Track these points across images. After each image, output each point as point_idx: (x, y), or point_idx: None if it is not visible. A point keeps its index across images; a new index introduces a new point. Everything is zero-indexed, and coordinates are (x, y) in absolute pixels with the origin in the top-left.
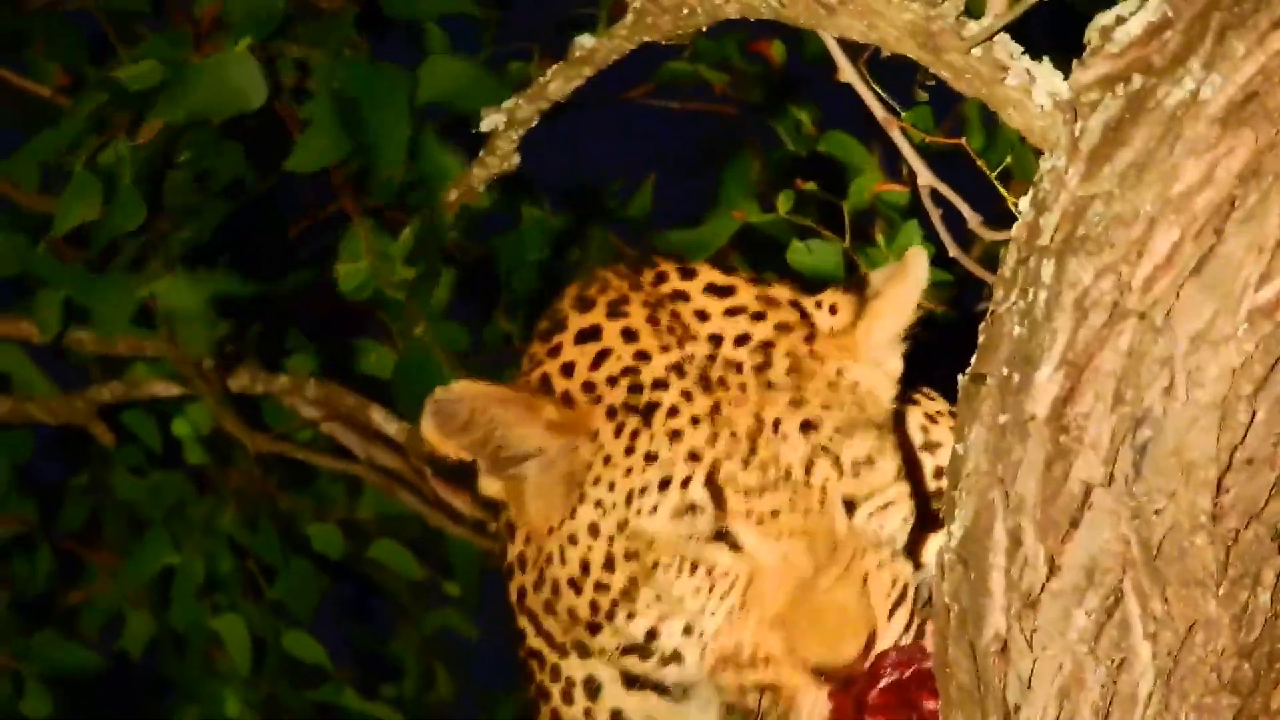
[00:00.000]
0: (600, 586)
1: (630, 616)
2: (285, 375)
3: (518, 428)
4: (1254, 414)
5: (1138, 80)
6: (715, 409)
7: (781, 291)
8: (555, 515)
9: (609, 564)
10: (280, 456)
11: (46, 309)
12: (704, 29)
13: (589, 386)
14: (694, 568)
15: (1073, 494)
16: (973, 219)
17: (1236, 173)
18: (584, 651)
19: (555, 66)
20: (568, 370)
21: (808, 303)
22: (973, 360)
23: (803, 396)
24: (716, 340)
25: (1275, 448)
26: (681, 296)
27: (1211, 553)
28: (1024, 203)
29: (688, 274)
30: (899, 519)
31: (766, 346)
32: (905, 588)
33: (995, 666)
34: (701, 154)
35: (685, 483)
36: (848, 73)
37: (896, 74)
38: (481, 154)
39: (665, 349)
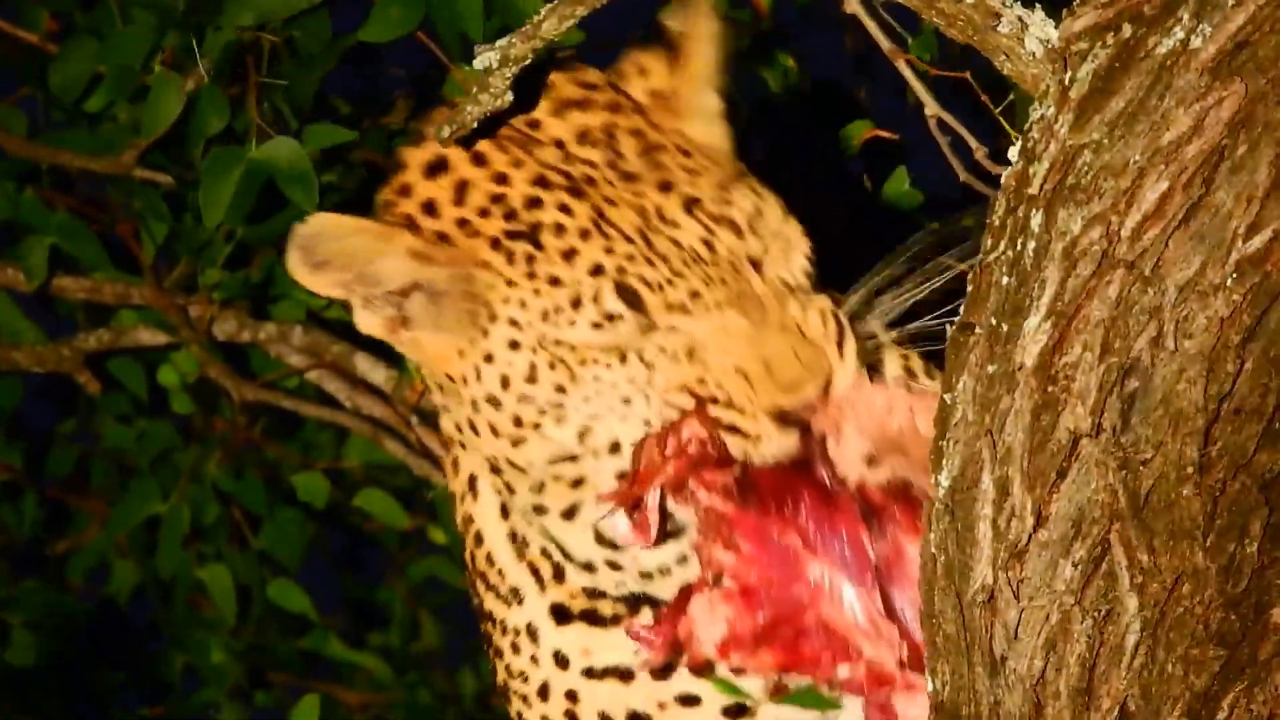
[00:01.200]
0: (524, 398)
1: (560, 421)
2: (272, 323)
3: (381, 260)
4: (1242, 364)
5: (1128, 29)
6: (599, 217)
7: (590, 71)
8: (462, 339)
9: (532, 375)
10: (266, 405)
11: (33, 256)
12: None
13: (463, 223)
14: (624, 357)
15: (1060, 444)
16: (979, 150)
17: (1226, 122)
18: (520, 599)
19: (549, 5)
20: (430, 209)
21: (617, 75)
22: (961, 310)
23: (667, 176)
24: (560, 144)
25: (1263, 398)
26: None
27: (1199, 504)
28: (1013, 152)
29: None
30: (802, 258)
31: (609, 136)
32: (839, 321)
33: (982, 617)
34: None
35: (596, 297)
36: (852, 3)
37: (897, 10)
38: (475, 91)
39: (518, 164)
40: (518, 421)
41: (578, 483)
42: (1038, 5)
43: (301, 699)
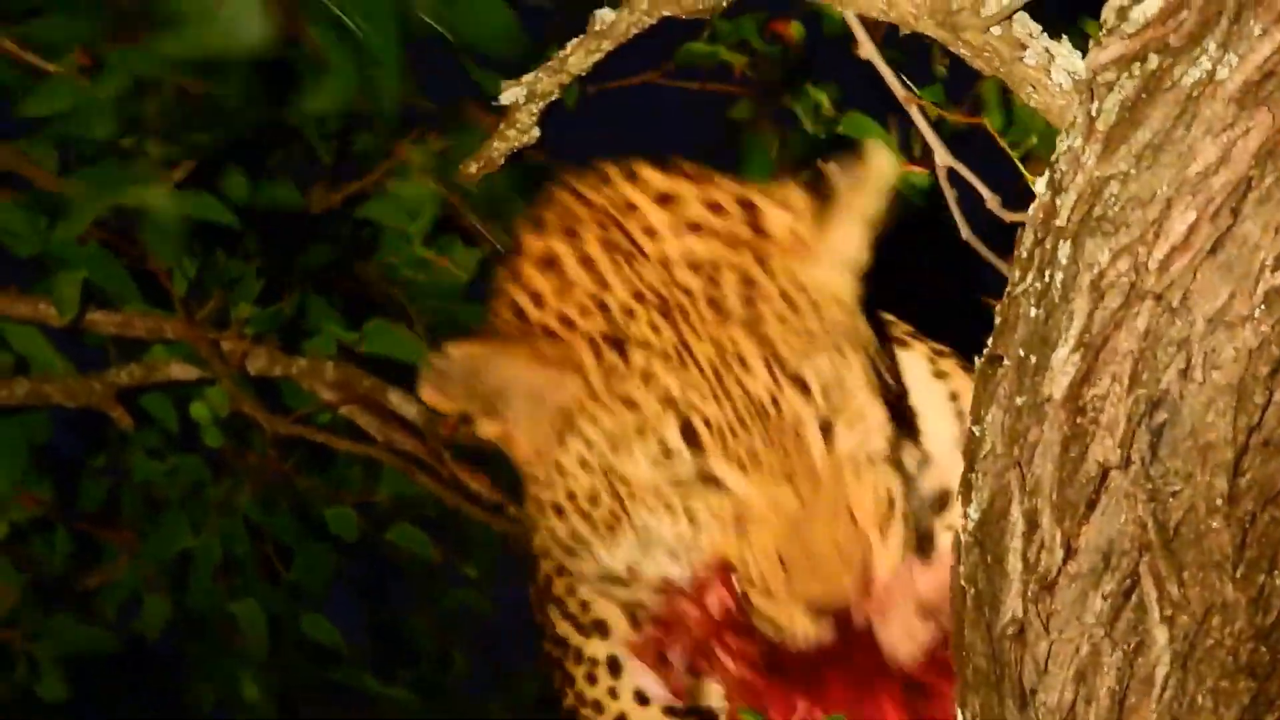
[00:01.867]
0: (584, 515)
1: (611, 548)
2: (304, 358)
3: (514, 372)
4: (1270, 396)
5: (1154, 60)
6: (682, 344)
7: (726, 191)
8: (542, 442)
9: (594, 499)
10: (298, 439)
11: (65, 290)
12: (724, 5)
13: (565, 320)
14: (674, 512)
15: (1089, 476)
16: (991, 200)
17: (1253, 153)
18: (605, 633)
19: (575, 40)
20: (537, 300)
21: (759, 199)
22: (989, 342)
23: (761, 324)
24: (666, 263)
25: None
26: (631, 207)
27: (1228, 535)
28: (1040, 184)
29: (633, 177)
30: (876, 432)
31: (714, 268)
32: (893, 501)
33: (1012, 650)
34: (720, 136)
35: (660, 429)
36: (867, 48)
37: (914, 53)
38: (501, 127)
39: (620, 274)
40: (575, 536)
41: (630, 603)
42: (1064, 37)
43: None
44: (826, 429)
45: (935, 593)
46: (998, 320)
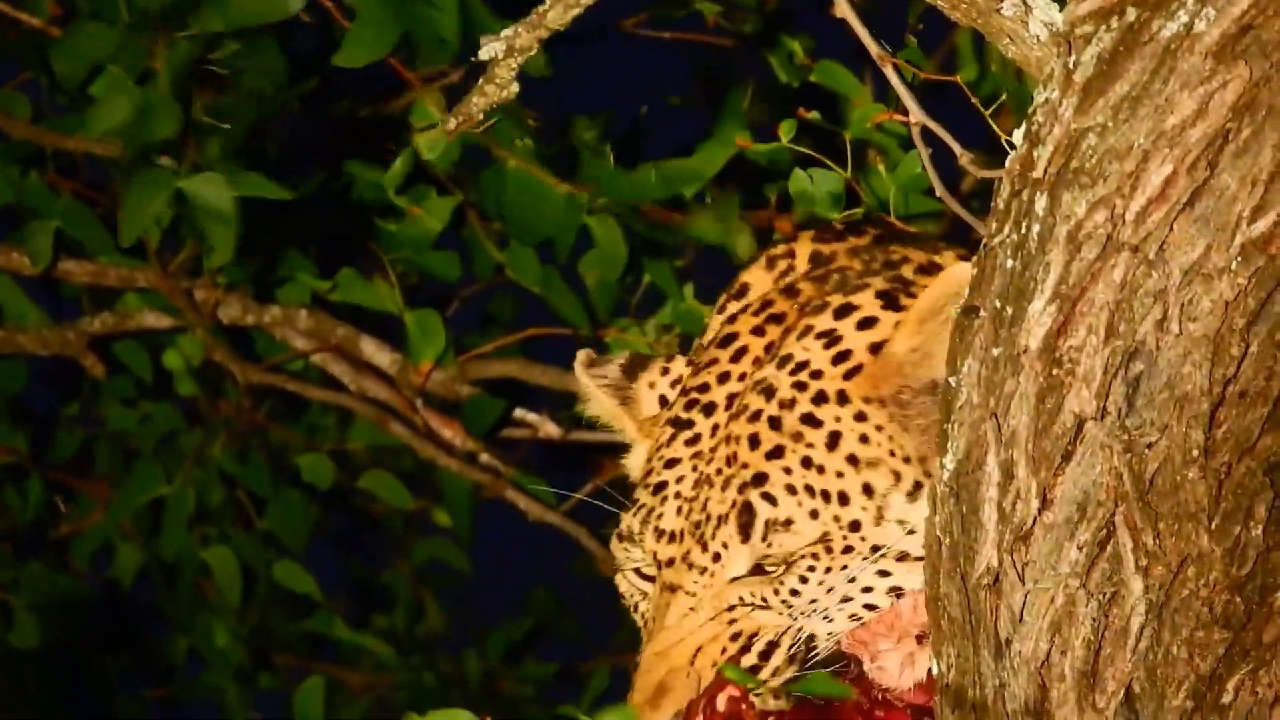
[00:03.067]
0: None
1: None
2: (276, 306)
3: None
4: (1246, 347)
5: (1132, 13)
6: (702, 451)
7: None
8: None
9: None
10: (271, 388)
11: (38, 239)
12: None
13: (668, 397)
14: (631, 596)
15: (1065, 427)
16: (963, 156)
17: (1230, 106)
18: None
19: None
20: (677, 383)
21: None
22: (965, 293)
23: (787, 450)
24: (784, 362)
25: (1267, 381)
26: (819, 310)
27: (1204, 487)
28: (1018, 135)
29: (852, 289)
30: (813, 580)
31: (800, 386)
32: (766, 644)
33: (987, 600)
34: (695, 85)
35: (636, 513)
36: (842, 7)
37: (889, 6)
38: (481, 82)
39: (741, 378)
40: None
41: None
42: None
43: (306, 681)
44: (758, 565)
45: (914, 624)
46: (974, 271)
